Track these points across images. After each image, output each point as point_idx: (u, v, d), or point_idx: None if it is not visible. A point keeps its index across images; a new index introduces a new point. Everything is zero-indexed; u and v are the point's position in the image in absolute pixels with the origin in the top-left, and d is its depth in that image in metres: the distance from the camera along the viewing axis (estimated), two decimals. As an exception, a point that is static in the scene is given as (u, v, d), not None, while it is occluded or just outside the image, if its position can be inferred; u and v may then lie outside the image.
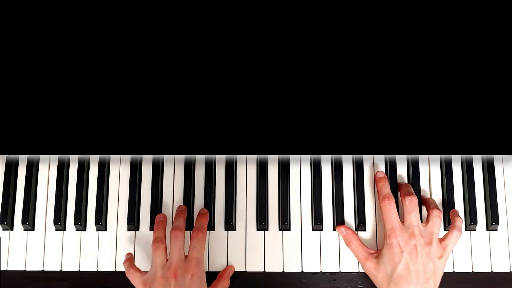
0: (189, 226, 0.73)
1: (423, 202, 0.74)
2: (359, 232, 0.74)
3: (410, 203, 0.69)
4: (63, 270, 0.74)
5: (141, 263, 0.73)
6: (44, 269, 0.74)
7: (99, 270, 0.74)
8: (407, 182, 0.75)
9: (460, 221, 0.71)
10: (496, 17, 0.65)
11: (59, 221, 0.74)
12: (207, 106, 0.67)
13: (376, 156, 0.76)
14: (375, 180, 0.74)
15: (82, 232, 0.75)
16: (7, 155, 0.77)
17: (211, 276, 0.73)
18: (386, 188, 0.72)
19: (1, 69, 0.66)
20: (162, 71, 0.67)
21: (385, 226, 0.69)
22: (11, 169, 0.77)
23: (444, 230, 0.74)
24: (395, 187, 0.74)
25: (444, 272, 0.73)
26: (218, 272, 0.73)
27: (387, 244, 0.68)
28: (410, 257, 0.66)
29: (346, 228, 0.73)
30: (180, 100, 0.67)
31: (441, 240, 0.70)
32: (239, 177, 0.76)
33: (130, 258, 0.72)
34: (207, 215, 0.73)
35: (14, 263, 0.74)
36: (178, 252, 0.67)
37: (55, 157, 0.77)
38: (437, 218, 0.70)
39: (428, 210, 0.72)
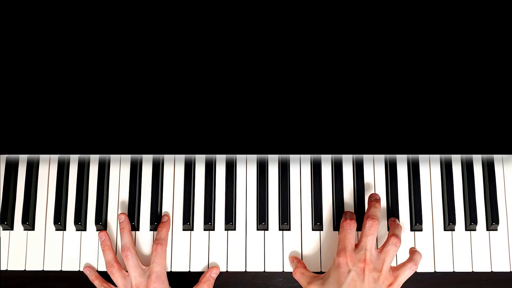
0: (193, 225, 0.73)
1: (390, 224, 0.71)
2: (359, 232, 0.74)
3: (370, 227, 0.67)
4: (63, 270, 0.74)
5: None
6: (44, 269, 0.74)
7: (99, 270, 0.74)
8: (407, 183, 0.75)
9: (419, 256, 0.69)
10: (496, 17, 0.65)
11: (59, 221, 0.74)
12: (207, 106, 0.67)
13: (376, 156, 0.76)
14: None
15: (82, 232, 0.75)
16: (7, 155, 0.77)
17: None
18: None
19: (1, 69, 0.66)
20: (162, 71, 0.67)
21: (338, 245, 0.68)
22: (11, 169, 0.77)
23: (444, 230, 0.74)
24: (395, 188, 0.74)
25: (444, 272, 0.73)
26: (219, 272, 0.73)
27: (334, 263, 0.67)
28: (357, 277, 0.64)
29: (295, 258, 0.72)
30: (180, 100, 0.67)
31: (394, 269, 0.67)
32: (239, 177, 0.76)
33: (98, 276, 0.72)
34: (168, 223, 0.73)
35: (14, 263, 0.74)
36: (134, 270, 0.69)
37: (55, 157, 0.77)
38: (393, 246, 0.67)
39: (388, 234, 0.69)
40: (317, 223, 0.73)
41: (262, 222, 0.73)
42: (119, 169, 0.77)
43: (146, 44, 0.66)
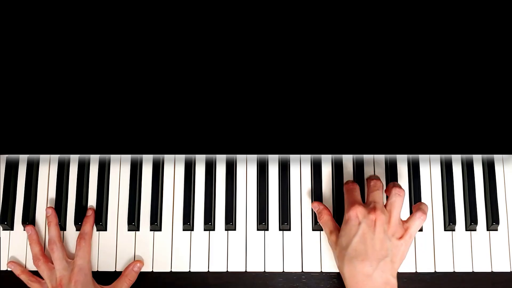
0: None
1: (387, 185, 0.71)
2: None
3: (374, 184, 0.68)
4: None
5: (143, 260, 0.73)
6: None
7: (99, 270, 0.74)
8: (407, 183, 0.75)
9: (425, 206, 0.67)
10: (496, 17, 0.65)
11: (59, 221, 0.74)
12: (207, 106, 0.67)
13: (376, 156, 0.76)
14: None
15: (82, 232, 0.75)
16: (7, 155, 0.77)
17: (212, 276, 0.73)
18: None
19: (1, 69, 0.66)
20: (162, 72, 0.67)
21: (346, 203, 0.67)
22: (11, 169, 0.77)
23: (445, 230, 0.74)
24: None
25: (444, 272, 0.73)
26: (219, 272, 0.73)
27: (345, 218, 0.66)
28: (368, 229, 0.63)
29: (319, 204, 0.72)
30: (180, 100, 0.67)
31: (404, 222, 0.66)
32: (239, 177, 0.76)
33: (24, 271, 0.73)
34: (92, 217, 0.74)
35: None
36: (59, 264, 0.71)
37: (55, 157, 0.77)
38: (397, 196, 0.66)
39: (389, 189, 0.68)
40: (317, 223, 0.73)
41: (262, 222, 0.73)
42: (119, 169, 0.77)
43: (146, 44, 0.66)
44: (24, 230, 0.75)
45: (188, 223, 0.74)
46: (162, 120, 0.67)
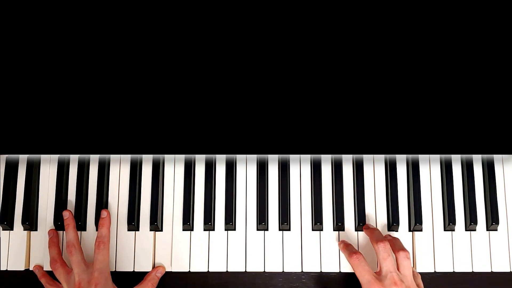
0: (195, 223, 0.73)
1: (389, 241, 0.70)
2: (359, 232, 0.74)
3: (384, 249, 0.67)
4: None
5: (143, 263, 0.73)
6: (44, 269, 0.74)
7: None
8: (407, 183, 0.75)
9: (408, 259, 0.68)
10: (496, 17, 0.65)
11: (59, 221, 0.74)
12: (207, 106, 0.67)
13: (376, 156, 0.76)
14: (365, 230, 0.72)
15: (82, 232, 0.75)
16: (7, 155, 0.77)
17: (212, 276, 0.73)
18: (377, 232, 0.70)
19: (1, 69, 0.66)
20: (162, 71, 0.67)
21: (362, 282, 0.66)
22: (11, 169, 0.77)
23: (444, 230, 0.74)
24: (395, 188, 0.75)
25: (444, 272, 0.73)
26: (219, 272, 0.73)
27: None
28: None
29: (347, 244, 0.72)
30: (180, 100, 0.67)
31: (413, 279, 0.68)
32: (239, 177, 0.76)
33: (44, 274, 0.73)
34: (108, 218, 0.74)
35: (14, 263, 0.74)
36: (77, 267, 0.70)
37: (55, 157, 0.77)
38: (406, 260, 0.67)
39: (394, 252, 0.68)
40: (317, 223, 0.73)
41: (262, 222, 0.73)
42: (119, 169, 0.77)
43: (146, 44, 0.66)
44: (24, 230, 0.75)
45: (188, 223, 0.74)
46: (162, 120, 0.67)
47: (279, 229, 0.74)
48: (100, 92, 0.67)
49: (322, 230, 0.74)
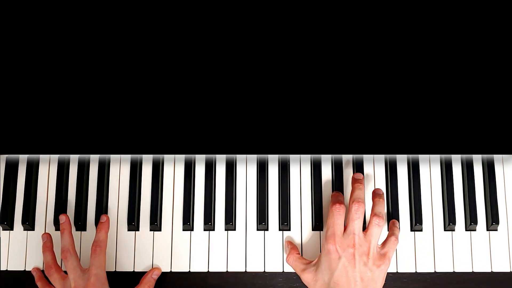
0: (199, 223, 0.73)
1: (373, 201, 0.71)
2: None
3: (356, 211, 0.67)
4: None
5: (143, 263, 0.73)
6: (44, 269, 0.74)
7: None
8: (407, 183, 0.75)
9: (398, 231, 0.71)
10: (496, 17, 0.65)
11: (59, 221, 0.74)
12: (207, 106, 0.67)
13: (376, 156, 0.76)
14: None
15: (82, 232, 0.75)
16: (7, 155, 0.77)
17: (212, 276, 0.73)
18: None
19: (1, 69, 0.66)
20: (162, 71, 0.67)
21: (326, 231, 0.68)
22: (11, 169, 0.77)
23: (444, 230, 0.74)
24: (395, 188, 0.75)
25: (444, 272, 0.73)
26: (219, 272, 0.73)
27: (324, 250, 0.66)
28: (348, 263, 0.64)
29: (289, 243, 0.72)
30: (180, 100, 0.67)
31: (381, 247, 0.68)
32: (239, 177, 0.76)
33: (41, 277, 0.73)
34: (107, 223, 0.73)
35: (14, 263, 0.74)
36: (73, 273, 0.69)
37: (55, 157, 0.77)
38: (376, 227, 0.67)
39: (371, 215, 0.69)
40: (317, 223, 0.73)
41: (262, 222, 0.73)
42: (119, 169, 0.77)
43: (146, 44, 0.66)
44: (24, 230, 0.75)
45: (188, 223, 0.74)
46: (162, 120, 0.67)
47: (279, 229, 0.74)
48: (100, 92, 0.67)
49: (322, 230, 0.74)
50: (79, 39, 0.66)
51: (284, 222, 0.73)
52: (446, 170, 0.75)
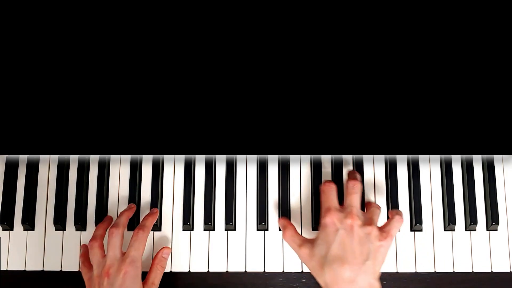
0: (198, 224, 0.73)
1: (366, 204, 0.71)
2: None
3: (353, 186, 0.66)
4: (63, 270, 0.74)
5: (143, 262, 0.73)
6: (44, 269, 0.74)
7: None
8: (407, 183, 0.75)
9: (401, 212, 0.68)
10: (496, 17, 0.65)
11: (59, 221, 0.74)
12: (207, 106, 0.67)
13: (376, 156, 0.76)
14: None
15: (82, 232, 0.75)
16: (7, 155, 0.77)
17: (212, 276, 0.73)
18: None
19: (1, 69, 0.66)
20: (162, 71, 0.67)
21: (321, 208, 0.66)
22: (11, 169, 0.77)
23: (444, 230, 0.74)
24: (395, 188, 0.75)
25: (444, 272, 0.73)
26: (219, 272, 0.73)
27: (321, 224, 0.64)
28: (346, 235, 0.61)
29: (284, 219, 0.71)
30: (180, 100, 0.67)
31: (383, 226, 0.65)
32: (239, 177, 0.76)
33: (85, 253, 0.72)
34: (156, 215, 0.73)
35: (14, 263, 0.74)
36: (113, 250, 0.67)
37: (55, 157, 0.77)
38: (376, 208, 0.67)
39: (367, 205, 0.70)
40: (317, 223, 0.73)
41: (262, 222, 0.73)
42: (119, 169, 0.77)
43: (146, 43, 0.66)
44: (24, 230, 0.75)
45: (188, 223, 0.74)
46: (162, 120, 0.67)
47: (279, 229, 0.74)
48: (100, 92, 0.67)
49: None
50: (79, 39, 0.66)
51: (284, 222, 0.73)
52: (446, 170, 0.75)
